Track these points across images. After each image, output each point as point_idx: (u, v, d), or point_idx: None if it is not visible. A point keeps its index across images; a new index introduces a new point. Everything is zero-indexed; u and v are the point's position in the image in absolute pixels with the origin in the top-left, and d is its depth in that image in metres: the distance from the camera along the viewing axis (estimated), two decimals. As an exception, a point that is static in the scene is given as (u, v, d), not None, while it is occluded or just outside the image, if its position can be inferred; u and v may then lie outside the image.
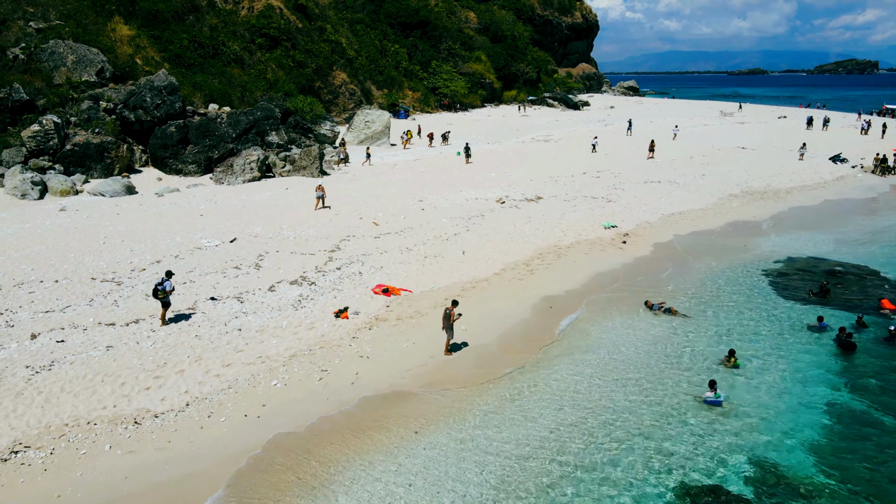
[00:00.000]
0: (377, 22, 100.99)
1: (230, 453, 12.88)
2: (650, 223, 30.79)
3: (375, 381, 16.00)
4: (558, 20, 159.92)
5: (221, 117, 40.60)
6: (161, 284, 17.59)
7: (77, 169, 35.36)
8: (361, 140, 56.93)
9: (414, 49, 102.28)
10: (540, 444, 13.87)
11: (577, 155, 49.39)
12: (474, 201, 33.51)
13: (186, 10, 61.21)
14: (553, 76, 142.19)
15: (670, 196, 36.03)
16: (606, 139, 57.83)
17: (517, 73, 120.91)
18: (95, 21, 46.81)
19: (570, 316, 20.31)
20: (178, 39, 51.22)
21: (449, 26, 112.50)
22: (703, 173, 42.18)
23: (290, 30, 71.03)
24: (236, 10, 69.14)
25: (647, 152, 48.57)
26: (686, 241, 28.52)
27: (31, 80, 39.01)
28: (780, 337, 19.44)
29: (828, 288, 22.68)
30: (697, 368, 17.30)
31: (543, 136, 62.70)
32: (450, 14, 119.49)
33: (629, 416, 15.04)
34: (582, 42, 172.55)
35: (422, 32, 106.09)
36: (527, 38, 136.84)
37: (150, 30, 50.96)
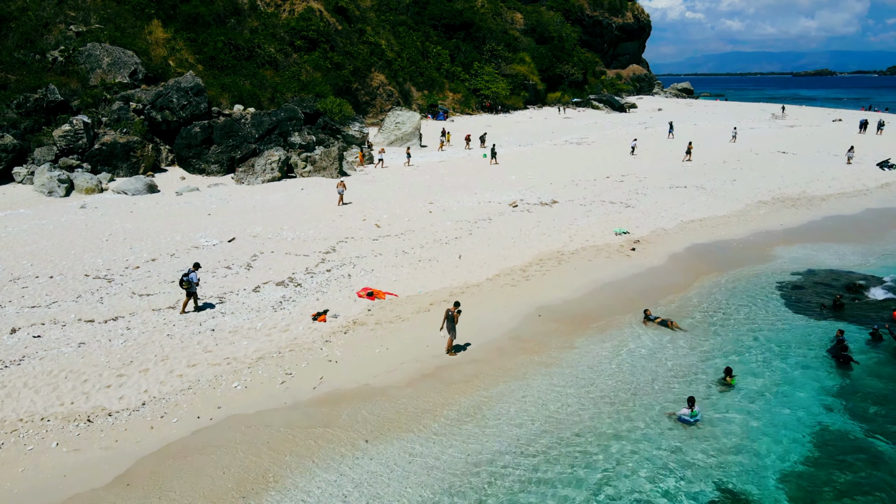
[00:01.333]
0: (420, 24, 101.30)
1: (169, 454, 12.82)
2: (666, 230, 29.59)
3: (339, 387, 15.74)
4: (608, 21, 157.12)
5: (245, 118, 41.24)
6: (187, 275, 18.38)
7: (104, 168, 36.48)
8: (392, 141, 57.07)
9: (456, 51, 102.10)
10: (491, 459, 13.32)
11: (606, 158, 48.17)
12: (487, 204, 32.96)
13: (228, 13, 62.75)
14: (600, 78, 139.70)
15: (693, 202, 34.61)
16: (644, 142, 56.40)
17: (562, 75, 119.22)
18: (134, 24, 48.28)
19: (557, 325, 19.60)
20: (213, 42, 52.34)
21: (493, 28, 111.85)
22: (734, 178, 40.42)
23: (330, 32, 71.85)
24: (277, 12, 70.48)
25: (684, 155, 47.25)
26: (700, 249, 27.27)
27: (67, 81, 40.48)
28: (781, 353, 18.28)
29: (842, 302, 21.31)
30: (682, 385, 16.38)
31: (578, 138, 61.46)
32: (495, 15, 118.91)
33: (593, 434, 14.32)
34: (633, 43, 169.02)
35: (465, 34, 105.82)
36: (574, 40, 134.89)
37: (187, 33, 52.25)
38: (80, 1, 46.92)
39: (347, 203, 32.48)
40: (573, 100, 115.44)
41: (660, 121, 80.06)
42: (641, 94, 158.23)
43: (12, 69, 40.23)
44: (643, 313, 20.21)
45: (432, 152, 54.27)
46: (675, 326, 19.68)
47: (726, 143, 57.04)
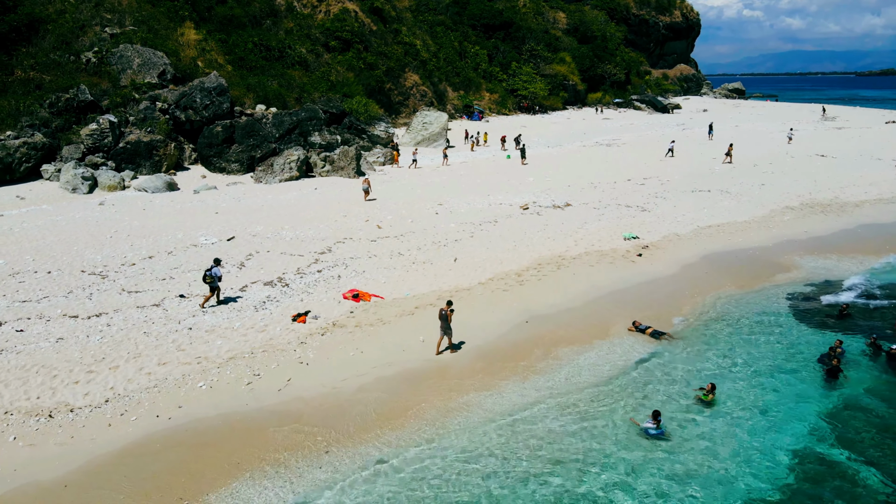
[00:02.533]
0: (459, 24, 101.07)
1: (120, 453, 12.89)
2: (679, 235, 28.55)
3: (305, 389, 15.60)
4: (655, 20, 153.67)
5: (267, 118, 41.76)
6: (210, 270, 19.03)
7: (128, 166, 37.46)
8: (419, 141, 56.99)
9: (495, 51, 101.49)
10: (441, 471, 12.96)
11: (632, 160, 46.95)
12: (498, 206, 32.46)
13: (265, 14, 63.85)
14: (645, 78, 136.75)
15: (715, 206, 33.33)
16: (680, 144, 54.65)
17: (604, 75, 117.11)
18: (167, 26, 49.49)
19: (543, 333, 19.03)
20: (244, 43, 53.24)
21: (534, 27, 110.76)
22: (762, 182, 38.78)
23: (364, 32, 72.28)
24: (313, 13, 71.31)
25: (724, 157, 45.85)
26: (712, 256, 26.18)
27: (98, 81, 41.73)
28: (772, 370, 17.31)
29: (848, 312, 20.17)
30: (662, 399, 15.66)
31: (609, 139, 60.17)
32: (536, 15, 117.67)
33: (555, 446, 13.80)
34: (681, 42, 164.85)
35: (505, 34, 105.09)
36: (619, 39, 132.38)
37: (220, 34, 53.31)
38: (116, 3, 48.34)
39: (372, 199, 33.31)
40: (614, 100, 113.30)
41: (701, 122, 77.68)
42: (689, 94, 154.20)
43: (47, 70, 41.71)
44: (632, 323, 19.46)
45: (460, 152, 53.92)
46: (664, 337, 18.88)
47: (764, 144, 54.92)
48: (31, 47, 42.65)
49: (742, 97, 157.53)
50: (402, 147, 56.56)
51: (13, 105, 38.59)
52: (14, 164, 35.00)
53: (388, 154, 47.02)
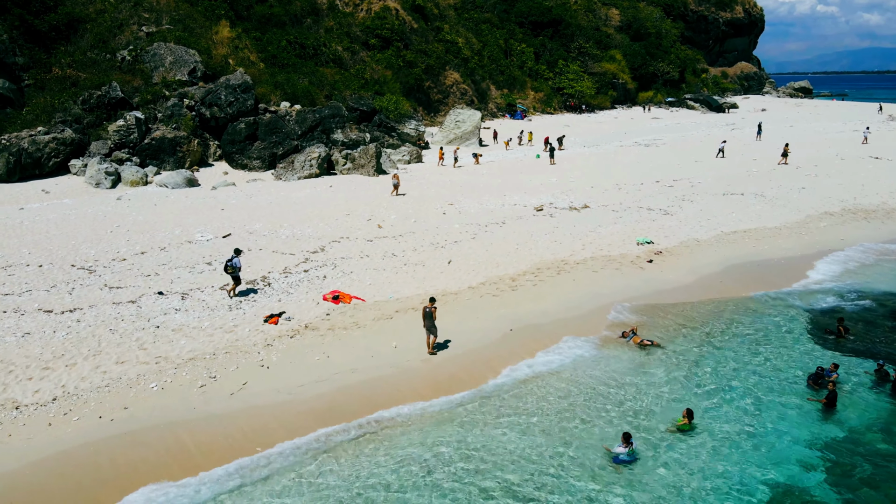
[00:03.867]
0: (506, 22, 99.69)
1: (45, 455, 12.58)
2: (698, 241, 26.80)
3: (258, 395, 15.04)
4: (715, 16, 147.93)
5: (290, 115, 41.75)
6: (230, 261, 19.40)
7: (152, 161, 38.02)
8: (450, 140, 56.23)
9: (542, 48, 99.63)
10: (373, 492, 12.10)
11: (668, 161, 44.85)
12: (511, 207, 31.32)
13: (306, 13, 64.31)
14: (701, 76, 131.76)
15: (745, 211, 31.25)
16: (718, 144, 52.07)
17: (656, 73, 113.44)
18: (203, 25, 50.21)
19: (525, 342, 17.94)
20: (277, 41, 53.57)
21: (584, 24, 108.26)
22: (803, 186, 36.23)
23: (405, 30, 71.97)
24: (355, 12, 71.46)
25: (780, 157, 43.30)
26: (727, 263, 24.40)
27: (130, 79, 42.58)
28: (764, 393, 15.74)
29: (846, 326, 18.37)
30: (637, 421, 14.39)
31: (650, 140, 57.85)
32: (588, 12, 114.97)
33: (509, 468, 12.76)
34: (742, 39, 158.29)
35: (553, 31, 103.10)
36: (674, 36, 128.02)
37: (256, 32, 53.81)
38: (154, 3, 49.34)
39: (401, 194, 33.53)
40: (666, 99, 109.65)
41: (754, 122, 73.90)
42: (749, 93, 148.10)
43: (84, 68, 42.82)
44: (621, 333, 18.14)
45: (493, 152, 52.83)
46: (656, 346, 17.50)
47: (814, 145, 51.62)
48: (70, 46, 43.89)
49: (808, 96, 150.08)
50: (434, 145, 56.09)
51: (49, 101, 39.74)
52: (43, 158, 35.97)
53: (413, 152, 46.42)
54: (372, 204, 30.91)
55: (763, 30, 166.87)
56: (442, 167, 43.34)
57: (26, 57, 42.00)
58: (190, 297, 19.46)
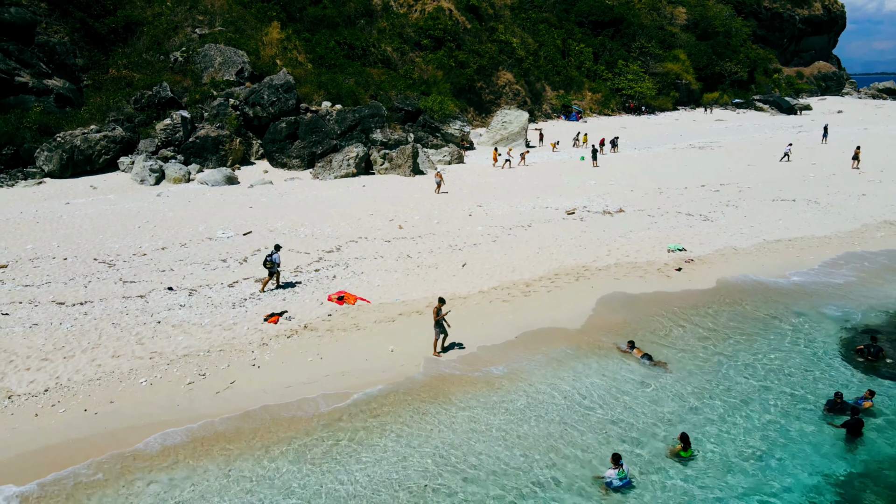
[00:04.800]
0: (564, 21, 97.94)
1: (25, 450, 12.77)
2: (736, 249, 25.22)
3: (244, 395, 14.91)
4: (790, 13, 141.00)
5: (331, 114, 42.03)
6: (270, 256, 19.83)
7: (195, 159, 39.00)
8: (497, 140, 55.45)
9: (602, 48, 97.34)
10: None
11: (718, 164, 42.75)
12: (542, 210, 30.41)
13: (359, 14, 64.95)
14: (773, 76, 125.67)
15: (794, 218, 29.28)
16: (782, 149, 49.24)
17: (723, 73, 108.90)
18: (254, 26, 51.33)
19: (526, 351, 17.19)
20: (325, 41, 54.16)
21: (647, 24, 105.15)
22: (864, 192, 33.70)
23: (458, 31, 71.62)
24: (409, 13, 71.67)
25: (851, 161, 40.67)
26: (766, 273, 22.78)
27: (181, 79, 43.89)
28: (780, 414, 14.46)
29: (878, 347, 16.71)
30: (632, 444, 13.47)
31: (706, 142, 55.38)
32: (652, 10, 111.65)
33: (478, 489, 12.10)
34: (820, 37, 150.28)
35: (614, 31, 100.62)
36: (745, 35, 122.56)
37: (307, 33, 54.62)
38: (209, 6, 50.76)
39: (444, 192, 33.84)
40: (733, 100, 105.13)
41: (831, 124, 69.77)
42: (827, 94, 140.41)
43: (139, 69, 44.43)
44: (626, 343, 17.12)
45: (539, 153, 51.77)
46: (661, 364, 16.40)
47: (889, 149, 48.10)
48: (127, 48, 45.64)
49: (892, 97, 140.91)
50: (480, 146, 55.48)
51: (104, 101, 41.41)
52: (94, 155, 37.43)
53: (454, 153, 45.98)
54: (398, 204, 30.61)
55: (844, 27, 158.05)
56: (493, 167, 42.67)
57: (86, 58, 43.94)
58: (197, 294, 19.61)
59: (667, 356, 16.97)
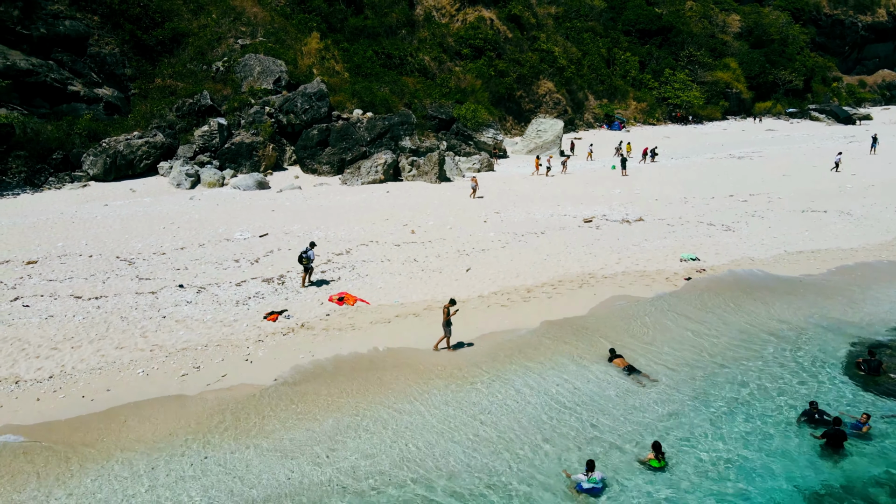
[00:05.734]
0: (610, 30, 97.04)
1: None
2: (752, 260, 24.62)
3: (232, 387, 15.53)
4: (852, 20, 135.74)
5: (361, 122, 42.92)
6: (305, 253, 20.80)
7: (230, 165, 40.42)
8: (531, 149, 55.45)
9: (648, 57, 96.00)
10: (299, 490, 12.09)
11: (752, 174, 41.65)
12: (560, 217, 30.30)
13: (401, 25, 66.14)
14: (832, 85, 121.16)
15: (822, 229, 28.34)
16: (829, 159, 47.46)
17: (777, 82, 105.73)
18: (294, 37, 52.88)
19: (510, 355, 17.27)
20: (363, 51, 55.29)
21: (697, 32, 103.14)
22: (903, 204, 32.33)
23: (498, 40, 72.00)
24: (450, 23, 72.50)
25: None
26: (779, 286, 22.15)
27: (221, 88, 45.60)
28: (764, 426, 14.12)
29: (878, 360, 16.07)
30: (605, 448, 13.44)
31: (747, 152, 53.94)
32: (703, 18, 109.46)
33: (456, 487, 12.30)
34: (885, 45, 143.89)
35: (662, 39, 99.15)
36: (802, 42, 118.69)
37: (345, 43, 55.92)
38: (252, 17, 52.61)
39: (480, 197, 34.48)
40: (787, 110, 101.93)
41: (888, 134, 66.85)
42: (891, 104, 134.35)
43: (182, 78, 46.37)
44: (609, 351, 16.98)
45: (571, 162, 51.39)
46: (645, 377, 16.19)
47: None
48: (173, 58, 47.69)
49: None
50: (514, 154, 55.58)
51: (148, 109, 43.40)
52: (135, 160, 39.25)
53: (484, 161, 46.25)
54: (416, 210, 31.00)
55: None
56: (533, 175, 42.69)
57: (134, 68, 46.13)
58: (205, 291, 20.43)
59: (649, 373, 16.75)
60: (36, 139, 37.89)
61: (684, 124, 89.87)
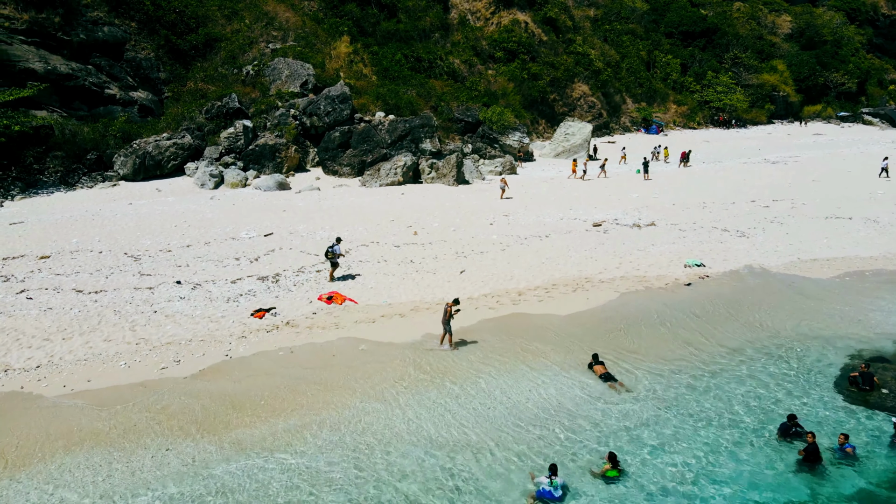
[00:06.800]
0: (652, 33, 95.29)
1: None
2: (763, 267, 23.75)
3: (207, 381, 15.85)
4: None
5: (383, 124, 43.28)
6: (332, 248, 21.45)
7: (253, 166, 41.32)
8: (559, 153, 54.97)
9: (691, 59, 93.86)
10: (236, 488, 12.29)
11: (780, 180, 40.36)
12: (569, 221, 29.92)
13: (435, 28, 66.52)
14: (889, 88, 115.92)
15: (843, 237, 27.20)
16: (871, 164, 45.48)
17: (828, 85, 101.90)
18: (324, 41, 53.74)
19: (486, 357, 17.15)
20: (391, 54, 55.74)
21: (744, 33, 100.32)
22: (936, 212, 30.72)
23: (533, 43, 71.59)
24: (485, 26, 72.50)
25: None
26: (784, 295, 21.34)
27: (249, 91, 46.69)
28: (739, 440, 13.63)
29: (870, 374, 15.27)
30: (565, 454, 13.24)
31: (783, 157, 52.18)
32: (750, 20, 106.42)
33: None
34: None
35: (706, 41, 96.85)
36: (857, 43, 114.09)
37: (375, 46, 56.52)
38: (283, 22, 53.71)
39: (508, 198, 34.94)
40: (838, 114, 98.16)
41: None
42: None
43: (214, 81, 47.65)
44: (592, 357, 16.63)
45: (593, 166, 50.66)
46: (620, 385, 15.81)
47: None
48: (205, 62, 49.07)
49: None
50: (541, 157, 55.15)
51: (180, 111, 44.76)
52: (163, 161, 40.51)
53: (507, 164, 46.06)
54: (424, 212, 31.05)
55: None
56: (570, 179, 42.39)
57: (168, 72, 47.66)
58: (200, 288, 20.93)
59: (626, 383, 16.36)
60: (73, 140, 39.46)
61: (726, 128, 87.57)
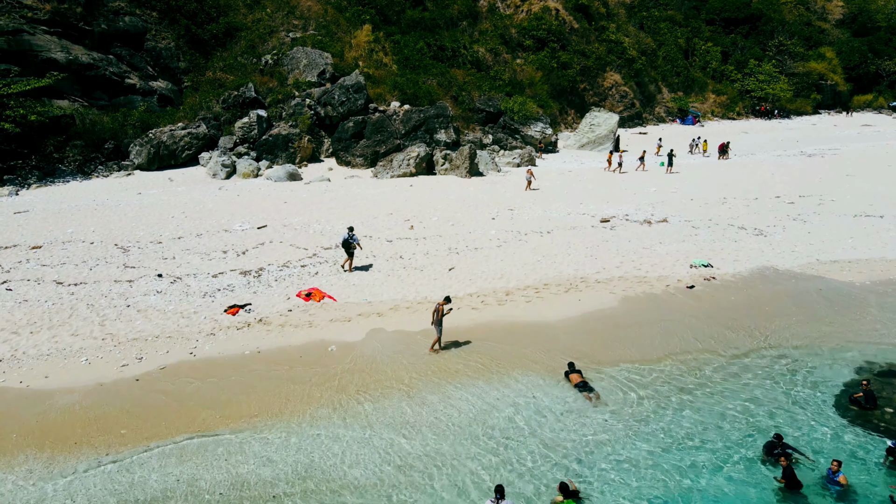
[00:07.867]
0: (692, 19, 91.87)
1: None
2: (777, 269, 22.14)
3: (166, 382, 15.35)
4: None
5: (397, 114, 42.45)
6: (349, 238, 21.27)
7: (266, 156, 41.02)
8: (583, 144, 53.35)
9: (733, 47, 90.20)
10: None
11: (811, 174, 38.03)
12: (577, 216, 28.62)
13: (462, 16, 65.26)
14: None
15: (871, 237, 25.27)
16: None
17: (880, 73, 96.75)
18: (346, 30, 53.10)
19: (463, 364, 16.22)
20: (413, 43, 54.73)
21: (791, 19, 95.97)
22: (979, 211, 28.34)
23: (563, 31, 69.64)
24: (515, 13, 70.84)
25: None
26: (790, 296, 19.79)
27: (267, 80, 46.40)
28: (718, 459, 12.45)
29: (870, 392, 13.80)
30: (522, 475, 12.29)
31: (819, 149, 49.41)
32: (798, 4, 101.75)
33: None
34: None
35: (749, 28, 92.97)
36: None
37: (396, 35, 55.62)
38: (305, 10, 53.25)
39: (535, 189, 34.35)
40: (891, 103, 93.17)
41: None
42: None
43: (232, 71, 47.53)
44: (568, 365, 15.53)
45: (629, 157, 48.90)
46: (595, 396, 14.69)
47: None
48: (225, 51, 48.98)
49: None
50: (565, 149, 53.57)
51: (197, 101, 44.77)
52: (177, 151, 40.55)
53: (525, 155, 44.75)
54: (426, 205, 30.12)
55: None
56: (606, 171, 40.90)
57: (187, 61, 47.70)
58: (180, 282, 20.51)
59: (601, 392, 15.21)
60: (92, 129, 39.77)
61: (768, 119, 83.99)
